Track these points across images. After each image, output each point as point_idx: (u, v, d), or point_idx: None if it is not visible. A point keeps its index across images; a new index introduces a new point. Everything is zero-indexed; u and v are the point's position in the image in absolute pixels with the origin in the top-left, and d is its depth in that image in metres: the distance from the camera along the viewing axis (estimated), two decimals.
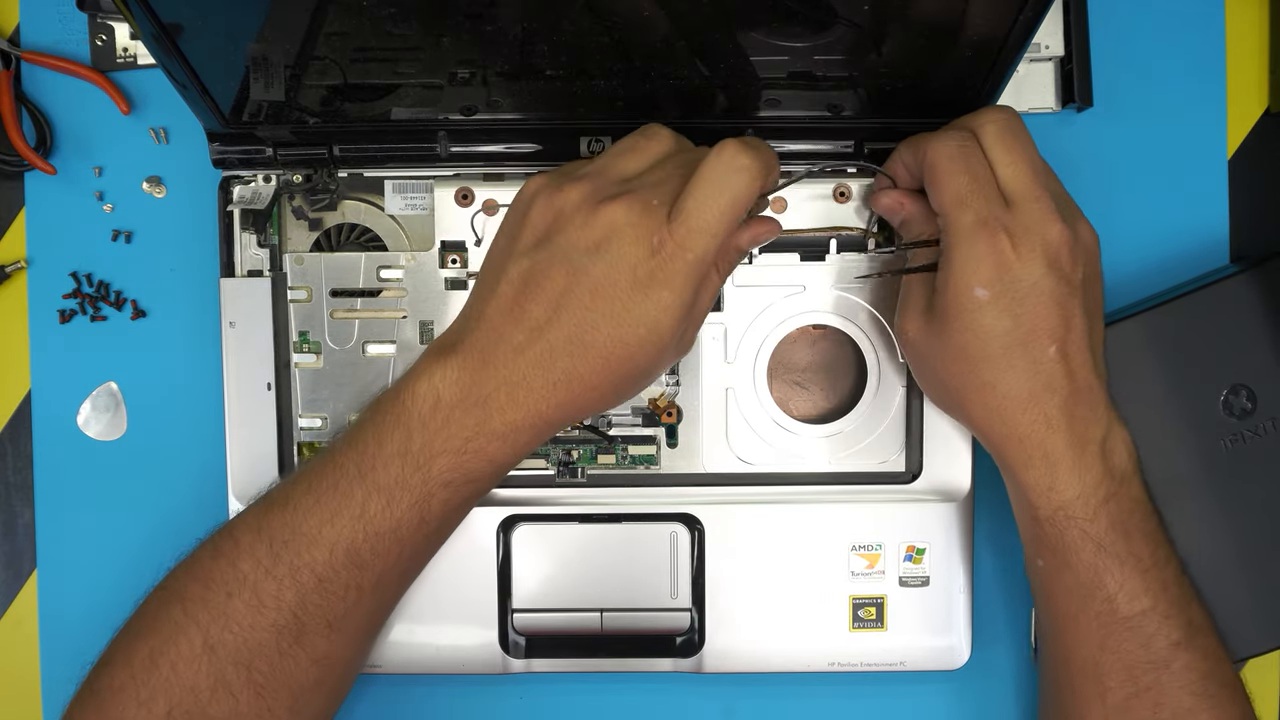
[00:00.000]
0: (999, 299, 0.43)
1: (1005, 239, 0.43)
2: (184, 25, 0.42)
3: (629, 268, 0.42)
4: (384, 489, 0.43)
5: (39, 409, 0.54)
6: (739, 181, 0.42)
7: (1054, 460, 0.44)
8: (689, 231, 0.42)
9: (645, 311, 0.42)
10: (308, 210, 0.52)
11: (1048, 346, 0.43)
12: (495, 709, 0.54)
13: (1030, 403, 0.43)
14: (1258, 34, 0.55)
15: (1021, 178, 0.44)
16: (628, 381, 0.44)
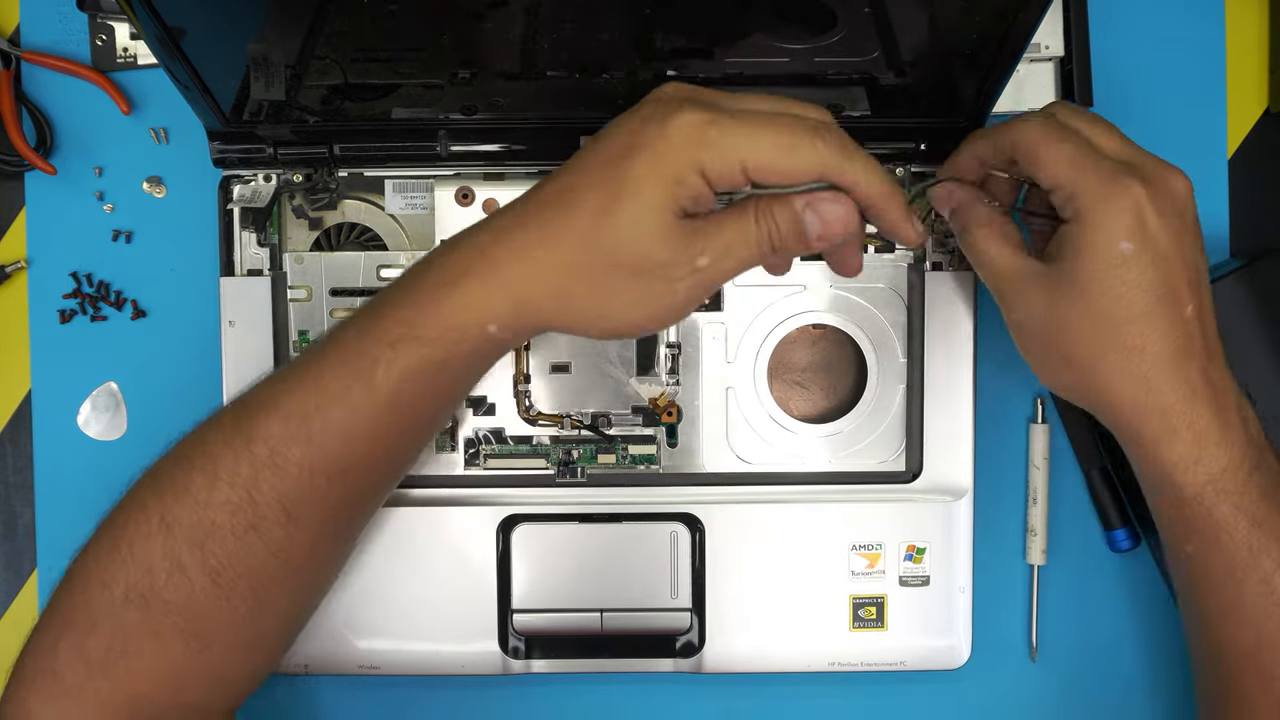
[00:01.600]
0: (1143, 252, 0.40)
1: (1140, 189, 0.40)
2: (186, 25, 0.42)
3: (644, 116, 0.39)
4: (340, 347, 0.41)
5: (39, 409, 0.54)
6: (806, 142, 0.38)
7: (1200, 430, 0.41)
8: (730, 118, 0.38)
9: (634, 162, 0.38)
10: (308, 209, 0.52)
11: (1186, 305, 0.41)
12: (495, 710, 0.54)
13: (1175, 367, 0.41)
14: (1258, 34, 0.55)
15: (1119, 142, 0.42)
16: (596, 251, 0.39)
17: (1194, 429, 0.41)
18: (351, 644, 0.51)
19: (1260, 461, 0.42)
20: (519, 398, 0.52)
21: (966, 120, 0.49)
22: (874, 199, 0.39)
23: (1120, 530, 0.53)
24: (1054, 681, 0.54)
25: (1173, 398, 0.41)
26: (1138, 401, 0.42)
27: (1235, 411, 0.42)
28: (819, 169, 0.39)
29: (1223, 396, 0.42)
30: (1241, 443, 0.42)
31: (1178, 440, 0.42)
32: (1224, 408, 0.42)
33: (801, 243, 0.40)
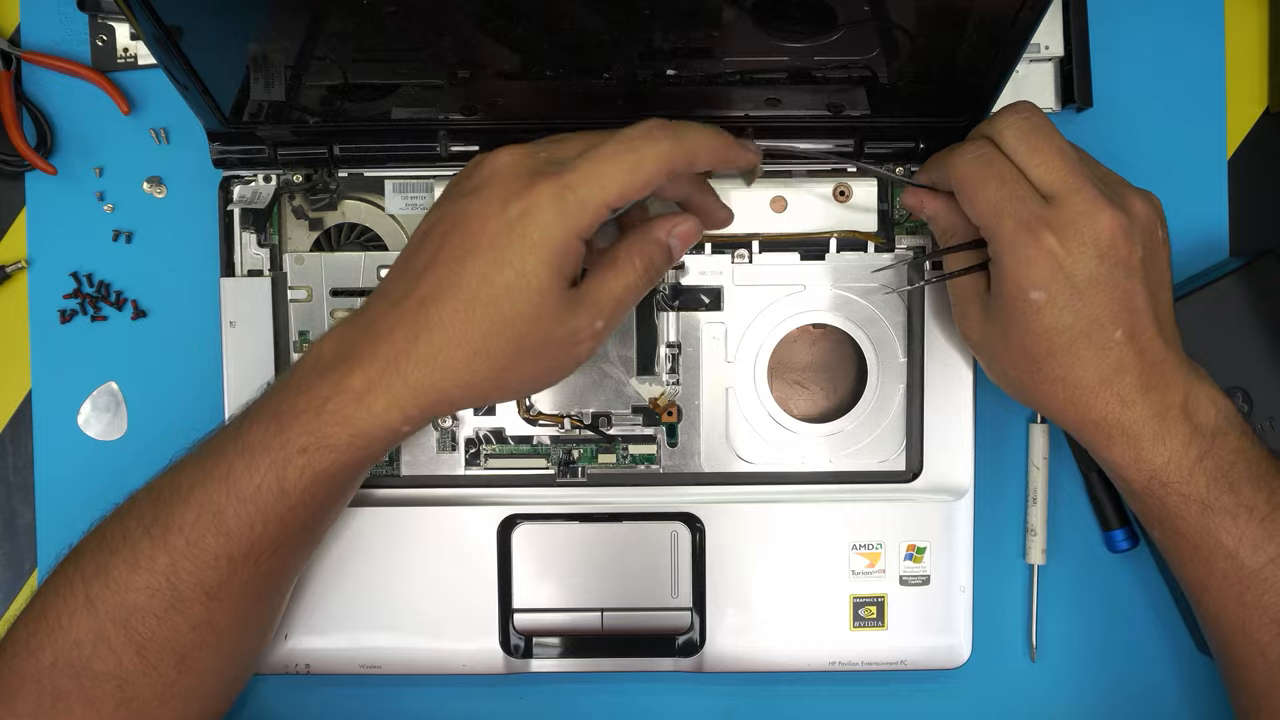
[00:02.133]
0: (1056, 298, 0.42)
1: (1051, 237, 0.42)
2: (185, 26, 0.42)
3: (501, 201, 0.40)
4: (248, 449, 0.41)
5: (39, 409, 0.54)
6: (646, 147, 0.41)
7: (1134, 434, 0.43)
8: (579, 176, 0.40)
9: (513, 251, 0.40)
10: (308, 210, 0.52)
11: (1112, 332, 0.43)
12: (495, 709, 0.54)
13: (1102, 388, 0.43)
14: (1258, 34, 0.55)
15: (1055, 172, 0.43)
16: (500, 342, 0.40)
17: (1128, 434, 0.43)
18: (351, 644, 0.51)
19: (1210, 448, 0.43)
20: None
21: (966, 120, 0.49)
22: (715, 154, 0.43)
23: (1119, 530, 0.53)
24: (1054, 681, 0.54)
25: (1102, 412, 0.43)
26: (1070, 417, 0.44)
27: (1178, 409, 0.43)
28: (666, 165, 0.41)
29: (1162, 399, 0.43)
30: (1183, 435, 0.43)
31: (1114, 445, 0.44)
32: (1162, 408, 0.43)
33: (671, 264, 0.45)
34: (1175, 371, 0.44)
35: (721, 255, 0.52)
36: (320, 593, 0.51)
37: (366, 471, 0.45)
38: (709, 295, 0.52)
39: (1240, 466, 0.43)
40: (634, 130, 0.41)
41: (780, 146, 0.50)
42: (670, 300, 0.52)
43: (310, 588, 0.51)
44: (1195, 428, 0.43)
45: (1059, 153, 0.43)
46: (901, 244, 0.52)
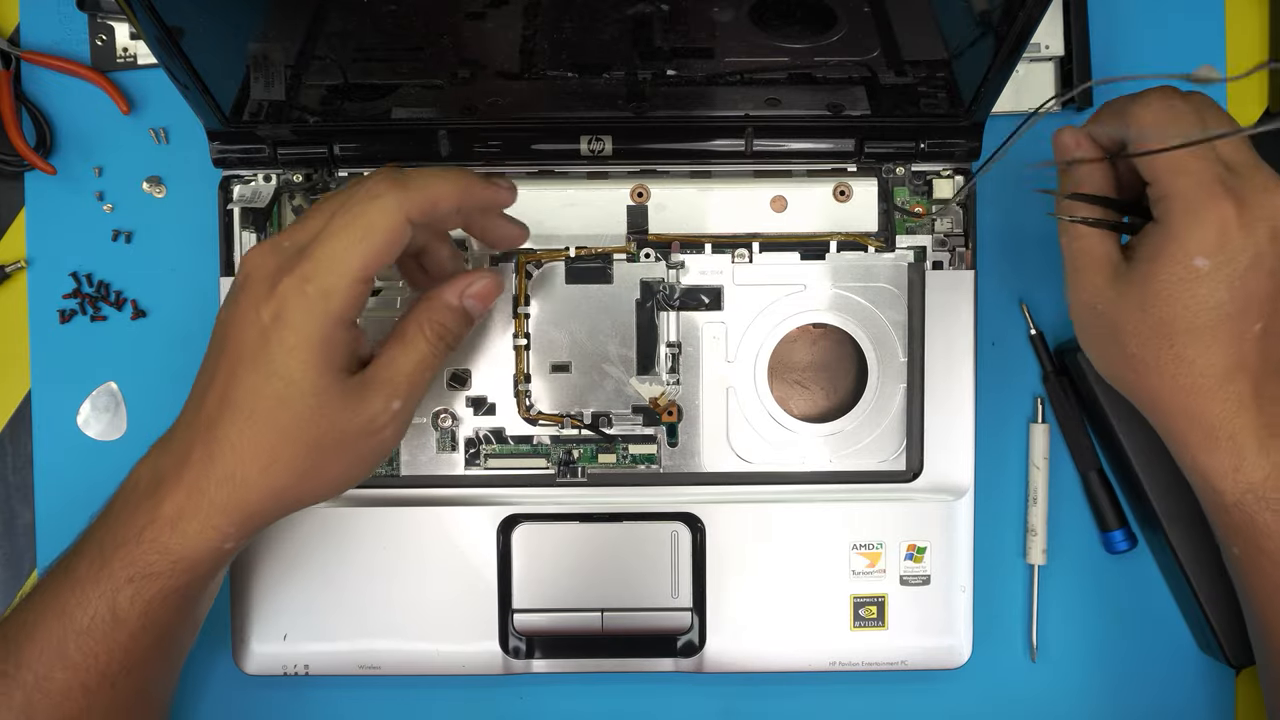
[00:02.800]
0: (1219, 270, 0.40)
1: (1231, 206, 0.40)
2: (185, 25, 0.42)
3: (254, 308, 0.39)
4: (78, 584, 0.41)
5: (39, 409, 0.54)
6: (372, 211, 0.39)
7: (1240, 442, 0.42)
8: (315, 264, 0.39)
9: (274, 358, 0.39)
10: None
11: (1254, 323, 0.41)
12: (495, 710, 0.54)
13: (1225, 381, 0.41)
14: (1258, 34, 0.55)
15: (1237, 145, 0.41)
16: (294, 449, 0.40)
17: (1235, 440, 0.42)
18: (351, 644, 0.51)
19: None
20: (519, 397, 0.52)
21: (966, 120, 0.49)
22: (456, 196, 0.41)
23: (1118, 531, 0.53)
24: (1054, 681, 0.54)
25: (1219, 409, 0.42)
26: (1183, 409, 0.42)
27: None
28: (400, 222, 0.40)
29: (1273, 409, 0.42)
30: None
31: (1218, 449, 0.42)
32: (1272, 421, 0.42)
33: (471, 326, 0.44)
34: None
35: (721, 255, 0.52)
36: (320, 593, 0.51)
37: (210, 586, 0.44)
38: (709, 295, 0.52)
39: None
40: (359, 193, 0.40)
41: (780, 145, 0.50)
42: (670, 300, 0.52)
43: (310, 588, 0.51)
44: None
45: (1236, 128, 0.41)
46: (902, 244, 0.52)
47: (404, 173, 0.40)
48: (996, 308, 0.54)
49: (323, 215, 0.40)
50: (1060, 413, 0.53)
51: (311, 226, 0.40)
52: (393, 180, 0.40)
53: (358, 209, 0.39)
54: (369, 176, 0.41)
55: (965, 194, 0.51)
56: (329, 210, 0.40)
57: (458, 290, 0.43)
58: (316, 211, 0.41)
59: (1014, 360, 0.54)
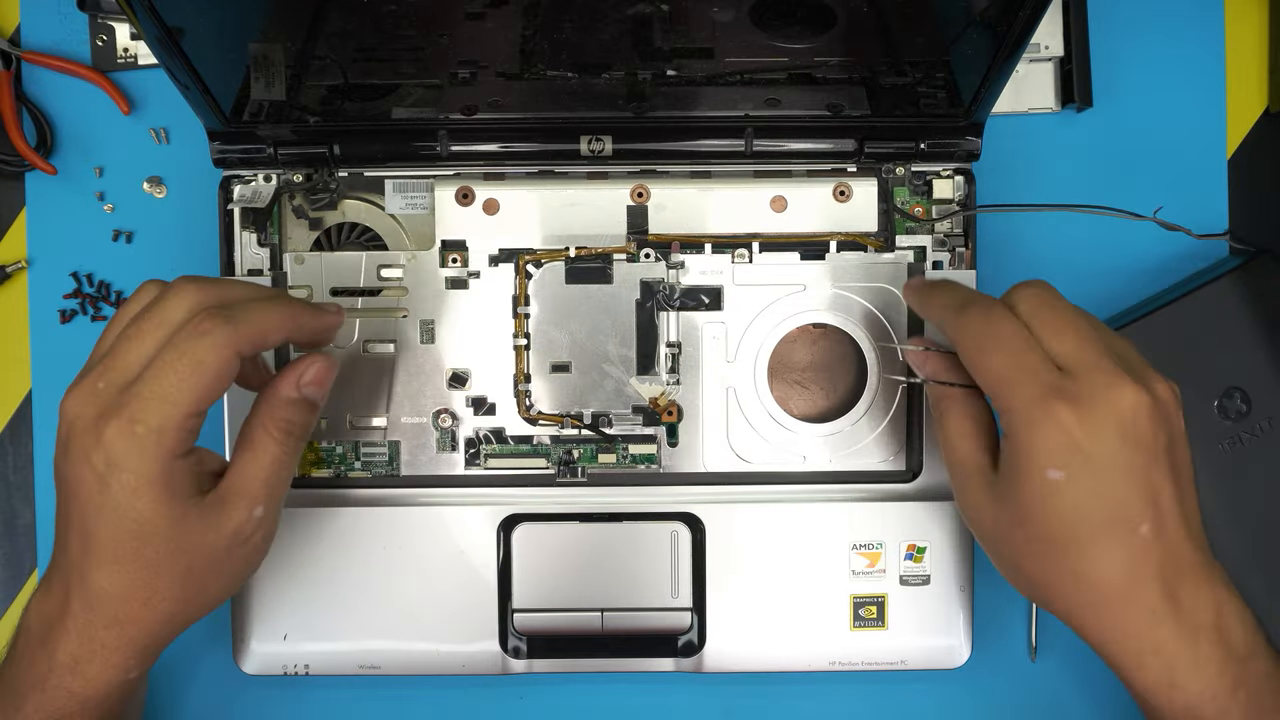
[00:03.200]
0: (1076, 478, 0.38)
1: (1068, 412, 0.38)
2: (186, 25, 0.42)
3: (86, 462, 0.38)
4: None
5: (39, 409, 0.54)
6: (199, 348, 0.38)
7: (1167, 656, 0.39)
8: (143, 403, 0.38)
9: (120, 501, 0.38)
10: (308, 209, 0.52)
11: (1138, 526, 0.39)
12: (495, 710, 0.54)
13: (1129, 593, 0.39)
14: (1258, 34, 0.55)
15: (1071, 344, 0.39)
16: (168, 579, 0.40)
17: (1161, 655, 0.39)
18: (351, 644, 0.51)
19: (1242, 676, 0.39)
20: (519, 397, 0.52)
21: (966, 120, 0.49)
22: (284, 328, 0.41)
23: None
24: (1054, 681, 0.54)
25: (1133, 625, 0.39)
26: (1098, 627, 0.40)
27: (1211, 628, 0.39)
28: (229, 357, 0.39)
29: (1195, 614, 0.39)
30: (1217, 661, 0.39)
31: (1146, 669, 0.40)
32: (1195, 627, 0.39)
33: (317, 411, 0.43)
34: (1206, 582, 0.39)
35: (721, 255, 0.52)
36: (320, 593, 0.51)
37: (130, 704, 0.43)
38: (709, 295, 0.52)
39: (1267, 693, 0.39)
40: (184, 330, 0.39)
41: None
42: (670, 300, 0.52)
43: (310, 588, 0.51)
44: (1228, 651, 0.39)
45: (1075, 325, 0.40)
46: (902, 244, 0.52)
47: (228, 309, 0.40)
48: None
49: (136, 347, 0.39)
50: None
51: (124, 362, 0.39)
52: (221, 317, 0.39)
53: (185, 345, 0.39)
54: (198, 315, 0.39)
55: (965, 195, 0.51)
56: (145, 345, 0.39)
57: (293, 382, 0.42)
58: (126, 341, 0.40)
59: None
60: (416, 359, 0.52)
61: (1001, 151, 0.53)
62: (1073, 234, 0.54)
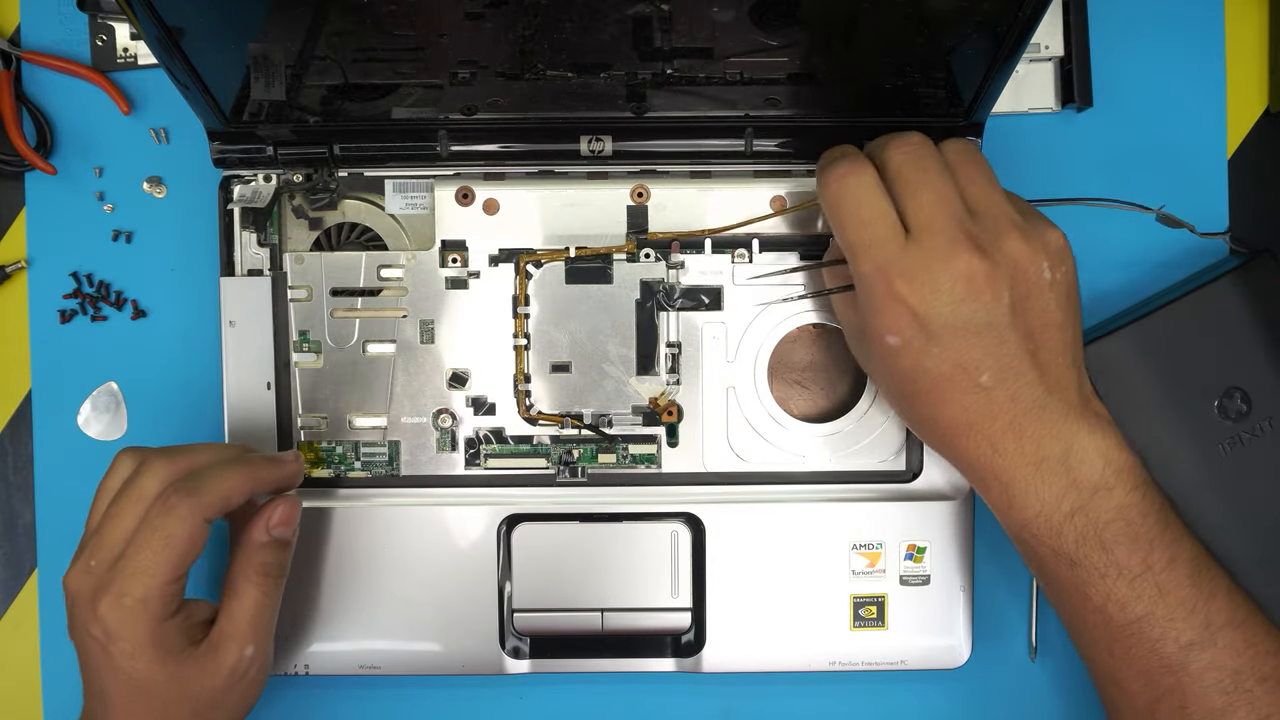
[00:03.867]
0: (911, 342, 0.42)
1: (902, 283, 0.41)
2: (186, 25, 0.42)
3: (88, 634, 0.43)
4: None
5: (39, 409, 0.54)
6: (169, 522, 0.42)
7: (1006, 481, 0.43)
8: (126, 579, 0.42)
9: (121, 665, 0.43)
10: (308, 209, 0.52)
11: (978, 377, 0.42)
12: (495, 710, 0.54)
13: (971, 431, 0.42)
14: (1258, 34, 0.55)
15: (923, 208, 0.42)
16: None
17: (999, 480, 0.43)
18: (351, 644, 0.51)
19: (1085, 504, 0.42)
20: (519, 397, 0.52)
21: (966, 120, 0.49)
22: (245, 489, 0.45)
23: None
24: (1054, 681, 0.54)
25: (974, 456, 0.43)
26: (950, 456, 0.44)
27: (1056, 460, 0.42)
28: (199, 525, 0.43)
29: (1036, 447, 0.42)
30: (1056, 488, 0.42)
31: (988, 490, 0.43)
32: (1037, 458, 0.42)
33: (290, 549, 0.47)
34: (1058, 420, 0.42)
35: (721, 255, 0.52)
36: (320, 593, 0.51)
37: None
38: (709, 295, 0.52)
39: (1118, 525, 0.42)
40: (155, 507, 0.43)
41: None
42: (670, 300, 0.52)
43: (310, 588, 0.51)
44: (1072, 481, 0.42)
45: (932, 186, 0.42)
46: None
47: (190, 482, 0.43)
48: None
49: (118, 525, 0.43)
50: None
51: (110, 539, 0.43)
52: (185, 490, 0.43)
53: (156, 522, 0.43)
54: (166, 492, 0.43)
55: None
56: (125, 521, 0.43)
57: (262, 527, 0.46)
58: (109, 520, 0.44)
59: None
60: (416, 359, 0.52)
61: (1001, 151, 0.53)
62: (1073, 234, 0.53)
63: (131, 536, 0.43)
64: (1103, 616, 0.42)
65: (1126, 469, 0.43)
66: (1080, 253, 0.54)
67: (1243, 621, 0.42)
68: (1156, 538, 0.42)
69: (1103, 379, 0.50)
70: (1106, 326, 0.51)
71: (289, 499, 0.47)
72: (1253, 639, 0.42)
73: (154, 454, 0.45)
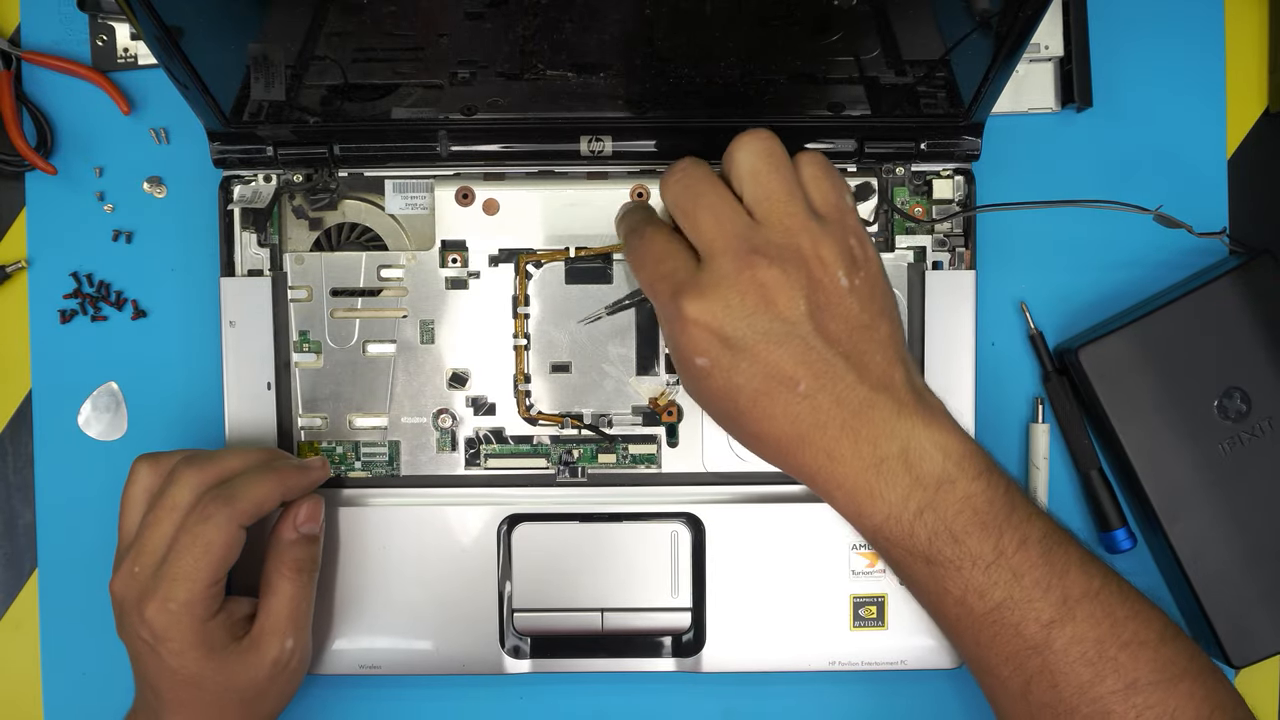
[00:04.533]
0: (719, 361, 0.42)
1: (694, 305, 0.41)
2: (186, 25, 0.42)
3: (138, 638, 0.45)
4: None
5: (39, 409, 0.54)
6: (208, 529, 0.44)
7: (850, 489, 0.42)
8: (170, 585, 0.44)
9: (170, 664, 0.45)
10: (308, 209, 0.52)
11: (795, 386, 0.42)
12: (495, 710, 0.54)
13: (802, 443, 0.42)
14: (1258, 34, 0.55)
15: (703, 233, 0.42)
16: (231, 713, 0.46)
17: (844, 489, 0.42)
18: (351, 644, 0.51)
19: (932, 500, 0.42)
20: (519, 397, 0.52)
21: (966, 120, 0.49)
22: (275, 495, 0.46)
23: (1119, 531, 0.53)
24: None
25: (813, 467, 0.43)
26: (794, 472, 0.44)
27: (896, 459, 0.42)
28: (234, 531, 0.45)
29: (872, 449, 0.42)
30: (901, 489, 0.42)
31: (834, 499, 0.43)
32: (875, 460, 0.42)
33: (318, 543, 0.49)
34: (890, 418, 0.42)
35: None
36: (320, 593, 0.50)
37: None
38: None
39: (966, 516, 0.42)
40: (193, 515, 0.45)
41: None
42: None
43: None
44: (915, 479, 0.42)
45: (711, 209, 0.42)
46: (901, 244, 0.52)
47: (225, 489, 0.45)
48: (996, 308, 0.54)
49: (156, 533, 0.45)
50: (1060, 413, 0.53)
51: (150, 547, 0.45)
52: (222, 498, 0.45)
53: (195, 530, 0.44)
54: (202, 500, 0.45)
55: (965, 195, 0.51)
56: (162, 529, 0.45)
57: (290, 525, 0.48)
58: (148, 529, 0.45)
59: (1014, 360, 0.54)
60: (416, 359, 0.52)
61: (1001, 151, 0.53)
62: (1073, 234, 0.54)
63: (171, 544, 0.45)
64: (964, 608, 0.42)
65: (967, 458, 0.42)
66: (1080, 253, 0.54)
67: (1098, 591, 0.42)
68: (1004, 522, 0.42)
69: (1103, 379, 0.50)
70: (1106, 326, 0.51)
71: (312, 497, 0.49)
72: (1110, 607, 0.42)
73: (183, 463, 0.46)
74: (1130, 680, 0.41)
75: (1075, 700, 0.41)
